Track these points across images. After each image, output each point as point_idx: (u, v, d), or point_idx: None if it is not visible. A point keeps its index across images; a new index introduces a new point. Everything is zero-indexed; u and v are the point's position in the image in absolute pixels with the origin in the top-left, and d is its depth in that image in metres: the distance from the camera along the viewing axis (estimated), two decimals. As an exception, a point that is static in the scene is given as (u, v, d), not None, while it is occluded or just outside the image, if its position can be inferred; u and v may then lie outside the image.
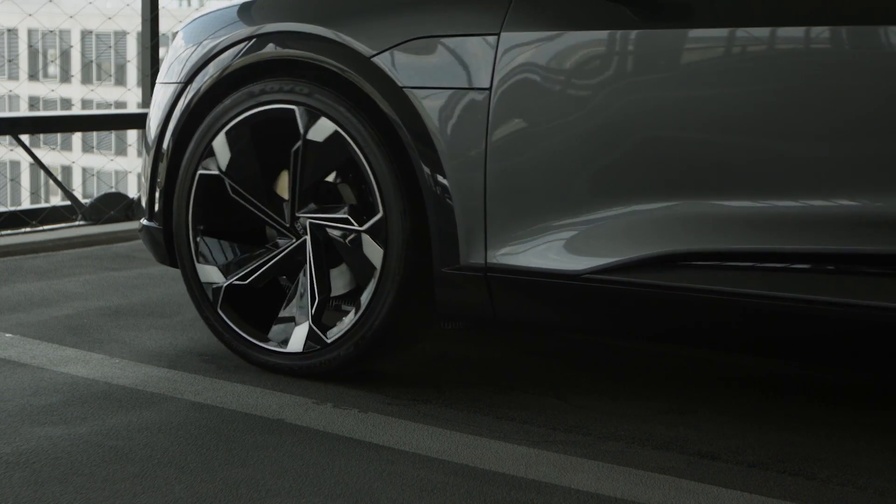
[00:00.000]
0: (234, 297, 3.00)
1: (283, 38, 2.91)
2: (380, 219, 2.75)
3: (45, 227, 5.15)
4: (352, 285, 2.92)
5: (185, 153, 3.03)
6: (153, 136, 3.18)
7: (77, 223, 5.27)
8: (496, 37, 2.61)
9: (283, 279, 3.04)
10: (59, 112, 8.54)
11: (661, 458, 2.49)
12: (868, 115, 2.36)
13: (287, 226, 2.93)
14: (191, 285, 3.07)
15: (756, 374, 3.18)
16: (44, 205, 5.45)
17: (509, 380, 3.05)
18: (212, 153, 2.97)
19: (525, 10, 2.62)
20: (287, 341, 2.91)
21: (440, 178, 2.67)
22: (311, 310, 2.87)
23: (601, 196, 2.55)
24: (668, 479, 2.36)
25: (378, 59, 2.73)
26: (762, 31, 2.42)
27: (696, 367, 3.23)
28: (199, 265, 3.02)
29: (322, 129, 2.81)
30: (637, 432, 2.65)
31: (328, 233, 2.87)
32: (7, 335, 3.29)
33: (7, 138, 5.25)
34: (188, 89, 3.07)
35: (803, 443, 2.61)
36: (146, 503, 2.14)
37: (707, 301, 2.48)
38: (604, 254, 2.54)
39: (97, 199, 5.38)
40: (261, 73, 2.95)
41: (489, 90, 2.61)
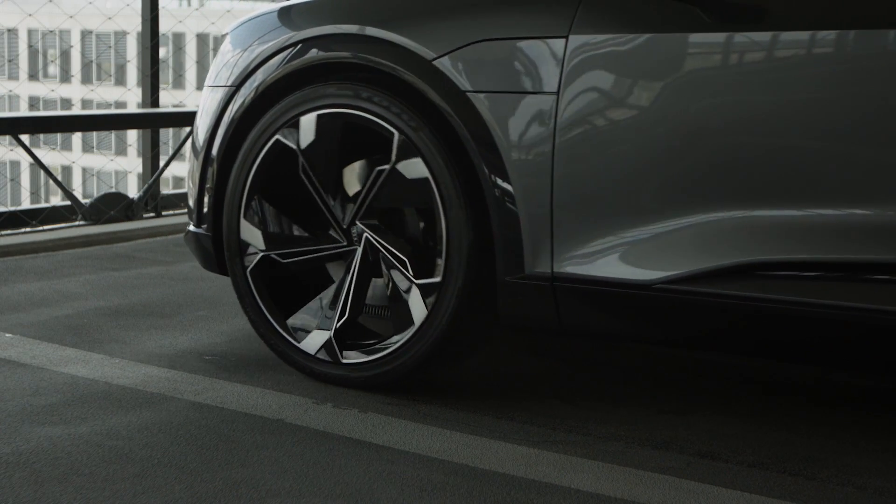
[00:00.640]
0: (268, 278, 2.96)
1: (340, 41, 2.84)
2: (435, 283, 2.69)
3: (45, 227, 5.15)
4: (386, 301, 2.87)
5: (236, 158, 2.97)
6: (202, 141, 3.11)
7: (77, 223, 5.26)
8: (564, 39, 2.53)
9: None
10: (59, 112, 8.54)
11: (661, 458, 2.49)
12: None
13: (343, 227, 2.88)
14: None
15: (756, 375, 3.18)
16: (44, 205, 5.44)
17: (509, 380, 3.05)
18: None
19: (594, 12, 2.53)
20: (305, 334, 2.90)
21: (504, 184, 2.59)
22: (337, 323, 2.82)
23: (674, 203, 2.47)
24: (668, 479, 2.37)
25: (440, 63, 2.66)
26: (843, 34, 2.33)
27: (696, 367, 3.23)
28: (245, 222, 2.94)
29: (413, 168, 2.72)
30: (637, 432, 2.65)
31: (380, 254, 2.82)
32: (7, 335, 3.29)
33: (7, 138, 5.25)
34: (239, 93, 3.00)
35: (803, 443, 2.61)
36: (146, 503, 2.14)
37: (787, 313, 2.39)
38: (676, 263, 2.45)
39: (97, 199, 5.38)
40: (314, 76, 2.89)
41: (556, 94, 2.53)
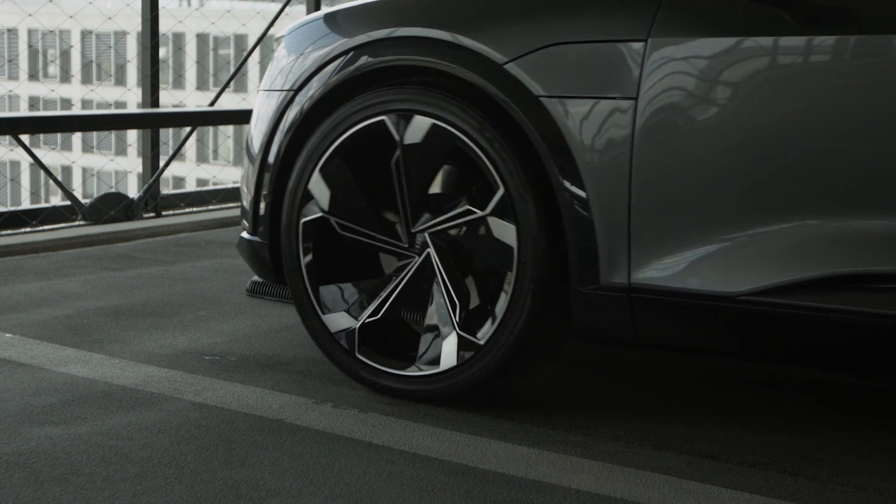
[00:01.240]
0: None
1: (406, 44, 2.76)
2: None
3: (45, 227, 5.15)
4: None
5: (295, 164, 2.91)
6: (258, 147, 3.04)
7: (77, 223, 5.26)
8: (643, 43, 2.44)
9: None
10: (59, 112, 8.54)
11: (661, 458, 2.49)
12: None
13: (405, 245, 2.81)
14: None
15: (756, 375, 3.18)
16: (44, 205, 5.44)
17: (509, 380, 3.04)
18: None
19: (675, 14, 2.45)
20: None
21: (579, 191, 2.50)
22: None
23: (759, 211, 2.38)
24: (668, 479, 2.37)
25: (511, 67, 2.57)
26: None
27: (696, 368, 3.23)
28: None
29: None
30: (637, 432, 2.65)
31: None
32: (7, 335, 3.29)
33: (7, 138, 5.25)
34: (298, 97, 2.94)
35: (803, 443, 2.61)
36: (146, 503, 2.14)
37: (880, 327, 2.31)
38: (762, 274, 2.36)
39: (97, 199, 5.38)
40: (377, 80, 2.83)
41: (635, 99, 2.45)
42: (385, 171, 2.80)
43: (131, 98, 8.02)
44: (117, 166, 7.40)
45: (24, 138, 5.26)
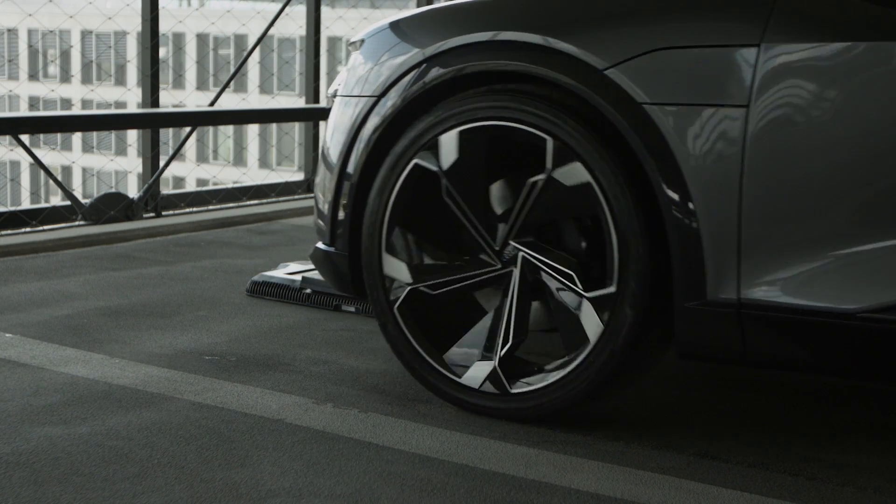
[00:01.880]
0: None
1: (496, 49, 2.66)
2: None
3: (45, 227, 5.15)
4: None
5: (377, 172, 2.80)
6: (336, 155, 2.93)
7: (77, 223, 5.26)
8: (756, 48, 2.33)
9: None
10: (59, 112, 8.55)
11: (661, 458, 2.49)
12: None
13: (496, 249, 2.69)
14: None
15: (756, 375, 3.18)
16: (44, 205, 5.44)
17: (509, 380, 3.04)
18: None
19: (790, 18, 2.34)
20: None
21: (685, 202, 2.39)
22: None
23: (879, 224, 2.27)
24: (668, 479, 2.37)
25: (612, 73, 2.46)
26: None
27: (696, 368, 3.23)
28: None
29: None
30: (637, 432, 2.65)
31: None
32: (7, 335, 3.29)
33: (7, 138, 5.25)
34: (380, 104, 2.83)
35: (803, 443, 2.61)
36: (146, 503, 2.14)
37: None
38: (883, 291, 2.25)
39: (97, 199, 5.38)
40: (467, 85, 2.72)
41: (746, 107, 2.33)
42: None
43: (131, 98, 8.03)
44: (117, 166, 7.41)
45: (24, 138, 5.26)
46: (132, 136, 6.71)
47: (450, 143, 2.67)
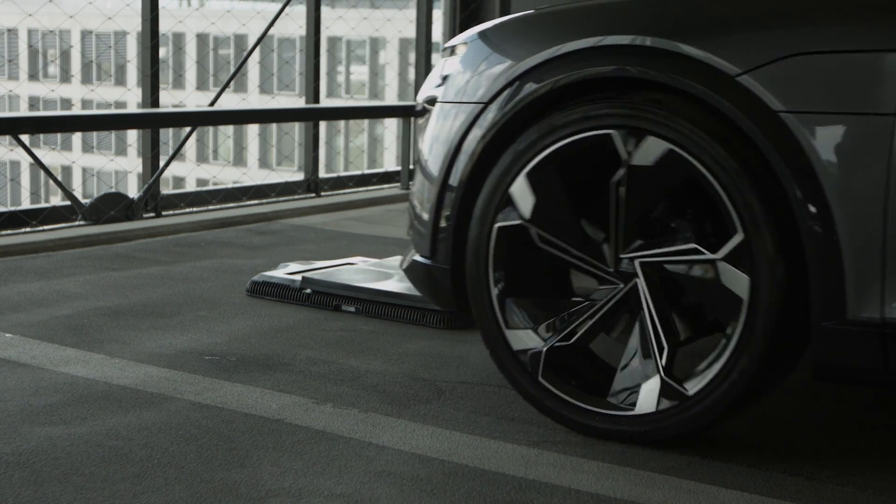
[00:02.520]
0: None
1: (616, 54, 2.52)
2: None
3: (45, 227, 5.15)
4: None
5: (484, 183, 2.68)
6: (438, 164, 2.79)
7: (77, 223, 5.26)
8: None
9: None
10: (59, 112, 8.55)
11: (661, 458, 2.49)
12: None
13: (610, 269, 2.57)
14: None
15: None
16: (44, 205, 5.44)
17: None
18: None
19: None
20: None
21: (824, 215, 2.27)
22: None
23: None
24: (668, 479, 2.37)
25: (745, 79, 2.34)
26: None
27: (696, 367, 3.23)
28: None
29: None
30: (637, 432, 2.65)
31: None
32: (7, 335, 3.29)
33: (7, 138, 5.24)
34: (488, 111, 2.70)
35: (803, 443, 2.61)
36: (146, 503, 2.14)
37: None
38: None
39: (97, 199, 5.38)
40: (579, 92, 2.60)
41: (894, 115, 2.22)
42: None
43: (131, 98, 8.03)
44: (117, 166, 7.41)
45: (24, 138, 5.25)
46: (132, 136, 6.71)
47: (655, 148, 2.46)
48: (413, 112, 7.24)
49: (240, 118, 7.34)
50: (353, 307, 3.74)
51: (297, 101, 12.75)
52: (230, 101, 7.46)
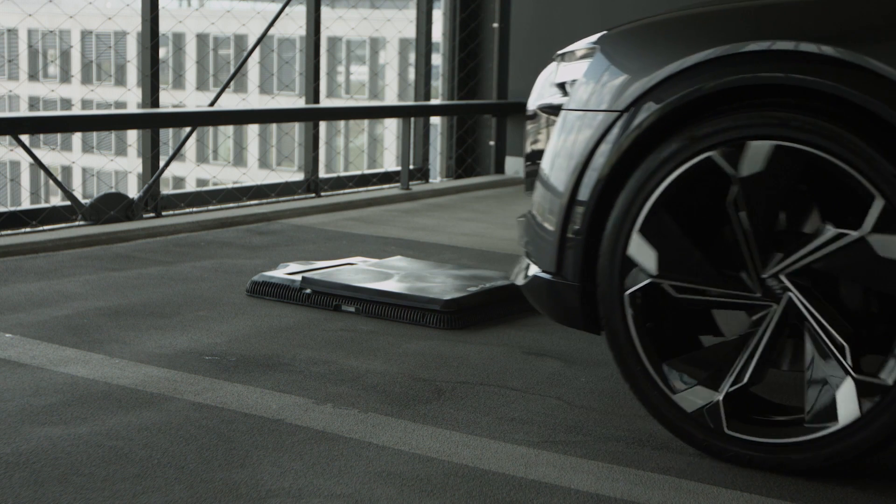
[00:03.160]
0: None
1: (773, 60, 2.36)
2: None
3: (45, 227, 5.15)
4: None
5: (617, 196, 2.54)
6: (565, 175, 2.62)
7: (77, 223, 5.26)
8: None
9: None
10: (59, 112, 8.55)
11: (661, 458, 2.49)
12: None
13: (762, 276, 2.42)
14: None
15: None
16: (44, 205, 5.44)
17: (509, 380, 3.05)
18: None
19: None
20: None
21: None
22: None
23: None
24: (668, 479, 2.37)
25: None
26: None
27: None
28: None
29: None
30: (637, 432, 2.65)
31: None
32: (7, 335, 3.29)
33: (7, 138, 5.25)
34: (623, 120, 2.53)
35: (803, 443, 2.61)
36: (146, 503, 2.14)
37: None
38: None
39: (97, 199, 5.38)
40: (720, 101, 2.45)
41: None
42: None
43: (131, 98, 8.03)
44: (117, 166, 7.41)
45: (24, 138, 5.26)
46: (132, 136, 6.71)
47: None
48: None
49: (240, 118, 7.33)
50: (353, 307, 3.74)
51: (297, 101, 12.75)
52: (230, 101, 7.46)
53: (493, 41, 7.77)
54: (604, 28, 2.75)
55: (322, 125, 7.31)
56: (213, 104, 6.38)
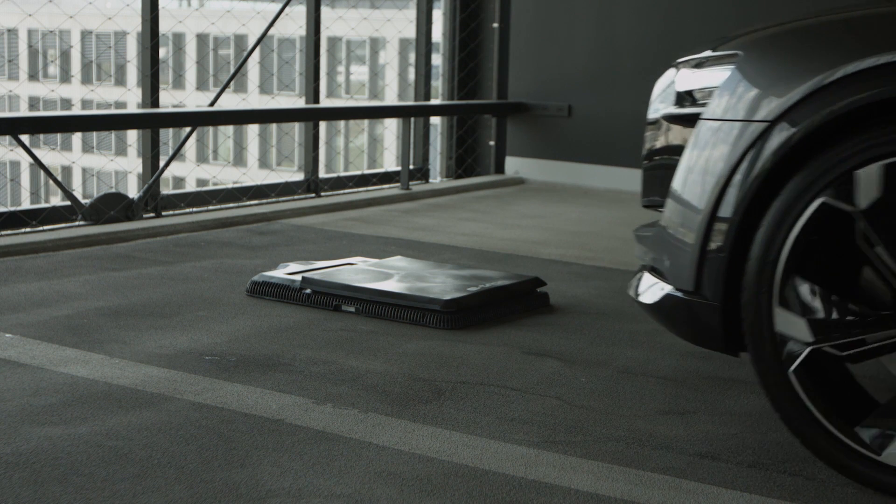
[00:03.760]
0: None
1: None
2: None
3: (45, 227, 5.15)
4: None
5: (765, 210, 2.37)
6: (705, 188, 2.46)
7: (77, 223, 5.26)
8: None
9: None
10: (59, 112, 8.54)
11: (661, 458, 2.49)
12: None
13: None
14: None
15: (755, 376, 3.17)
16: (44, 205, 5.44)
17: (509, 380, 3.05)
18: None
19: None
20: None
21: None
22: None
23: None
24: (668, 479, 2.37)
25: None
26: None
27: (696, 368, 3.23)
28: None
29: None
30: (637, 432, 2.65)
31: None
32: (7, 335, 3.29)
33: (7, 138, 5.24)
34: (775, 129, 2.37)
35: (803, 443, 2.61)
36: (146, 503, 2.14)
37: None
38: None
39: (97, 199, 5.38)
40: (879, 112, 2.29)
41: None
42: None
43: (131, 98, 8.02)
44: (117, 166, 7.40)
45: (24, 138, 5.25)
46: (132, 136, 6.71)
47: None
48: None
49: (240, 118, 7.33)
50: (353, 307, 3.74)
51: (297, 101, 12.74)
52: (230, 102, 7.46)
53: (493, 41, 7.77)
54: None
55: (322, 125, 7.31)
56: (213, 104, 6.37)
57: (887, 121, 2.26)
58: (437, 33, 7.79)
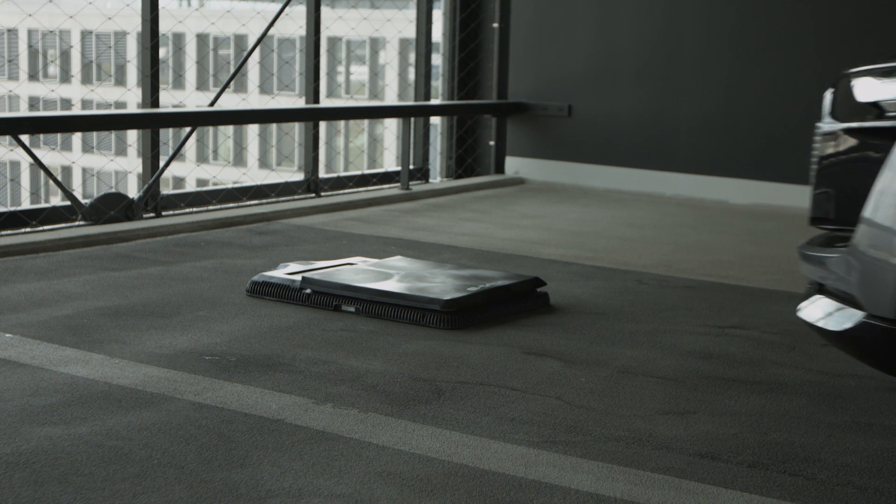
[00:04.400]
0: None
1: None
2: None
3: (45, 227, 5.15)
4: None
5: None
6: None
7: (77, 223, 5.26)
8: None
9: None
10: (59, 112, 8.53)
11: (661, 458, 2.49)
12: None
13: None
14: None
15: (756, 375, 3.18)
16: (44, 205, 5.44)
17: (509, 380, 3.05)
18: None
19: None
20: None
21: None
22: None
23: None
24: (668, 479, 2.37)
25: None
26: None
27: (696, 367, 3.23)
28: None
29: None
30: (637, 432, 2.65)
31: None
32: (7, 335, 3.29)
33: (7, 138, 5.24)
34: None
35: (803, 443, 2.61)
36: (146, 503, 2.14)
37: None
38: None
39: (97, 199, 5.38)
40: None
41: None
42: None
43: (131, 98, 8.03)
44: (117, 166, 7.41)
45: (24, 138, 5.25)
46: (132, 136, 6.71)
47: None
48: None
49: (240, 118, 7.33)
50: (353, 307, 3.74)
51: (297, 101, 12.75)
52: (230, 102, 7.46)
53: (493, 41, 7.77)
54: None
55: (322, 125, 7.31)
56: (213, 104, 6.37)
57: None
58: (437, 33, 7.79)
